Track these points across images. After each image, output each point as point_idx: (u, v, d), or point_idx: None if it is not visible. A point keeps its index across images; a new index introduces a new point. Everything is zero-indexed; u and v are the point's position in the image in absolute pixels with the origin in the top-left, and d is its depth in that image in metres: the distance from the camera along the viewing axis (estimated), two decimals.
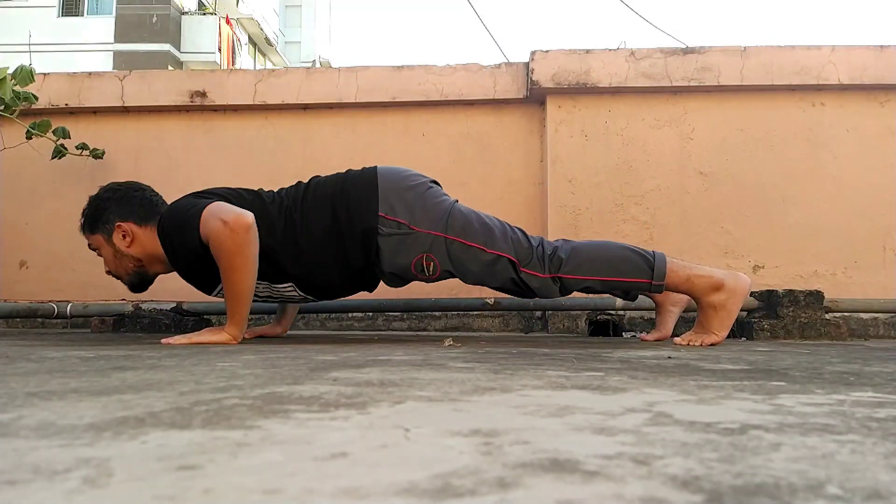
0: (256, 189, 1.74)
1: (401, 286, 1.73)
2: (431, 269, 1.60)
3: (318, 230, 1.62)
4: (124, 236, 1.71)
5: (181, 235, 1.58)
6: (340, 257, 1.63)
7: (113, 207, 1.72)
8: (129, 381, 0.77)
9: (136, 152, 2.62)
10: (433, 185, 1.69)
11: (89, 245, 1.77)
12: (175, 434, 0.47)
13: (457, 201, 1.67)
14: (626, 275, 1.58)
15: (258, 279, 1.65)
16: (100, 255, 1.76)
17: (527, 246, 1.60)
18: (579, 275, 1.58)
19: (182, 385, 0.73)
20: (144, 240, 1.71)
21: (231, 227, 1.49)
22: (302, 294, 1.73)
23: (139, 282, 1.77)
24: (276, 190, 1.74)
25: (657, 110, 2.42)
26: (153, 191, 1.80)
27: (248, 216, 1.51)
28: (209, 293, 1.73)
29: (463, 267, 1.60)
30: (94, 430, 0.48)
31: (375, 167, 1.68)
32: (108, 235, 1.72)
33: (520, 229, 1.64)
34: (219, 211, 1.53)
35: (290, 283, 1.69)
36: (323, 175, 1.73)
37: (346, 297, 1.82)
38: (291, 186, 1.72)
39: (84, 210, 1.76)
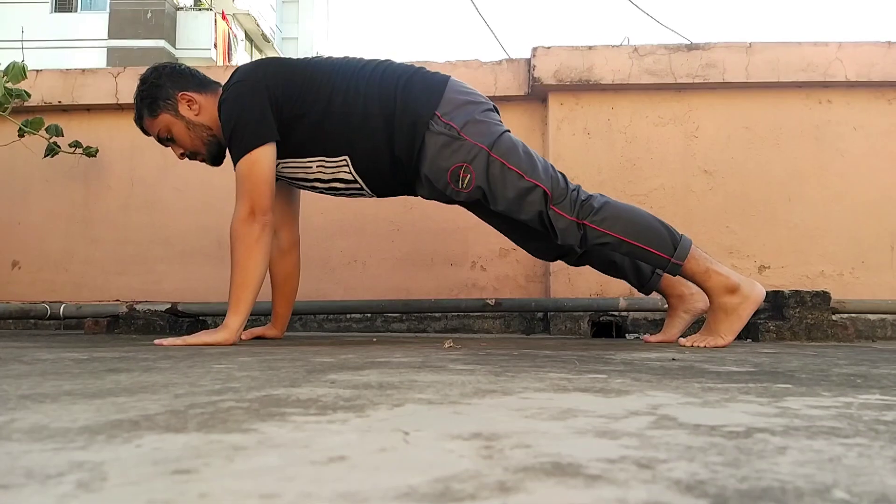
0: (319, 57, 1.76)
1: (430, 197, 1.75)
2: (466, 181, 1.62)
3: (376, 106, 1.65)
4: (190, 105, 1.72)
5: (229, 141, 1.65)
6: (390, 141, 1.65)
7: (168, 82, 1.73)
8: (123, 384, 0.77)
9: (131, 150, 2.61)
10: (495, 110, 1.73)
11: (157, 135, 1.75)
12: (170, 437, 0.47)
13: (509, 131, 1.69)
14: (649, 244, 1.59)
15: (314, 155, 1.70)
16: (168, 142, 1.76)
17: (563, 186, 1.62)
18: (604, 228, 1.59)
19: (177, 387, 0.73)
20: (208, 107, 1.73)
21: (256, 218, 1.60)
22: (353, 174, 1.72)
23: (217, 151, 1.79)
24: (342, 57, 1.76)
25: (661, 108, 2.42)
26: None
27: (271, 216, 1.62)
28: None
29: (496, 189, 1.61)
30: (87, 433, 0.48)
31: (448, 75, 1.72)
32: (174, 111, 1.72)
33: (561, 173, 1.67)
34: (257, 192, 1.60)
35: (344, 157, 1.69)
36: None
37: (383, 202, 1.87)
38: (362, 59, 1.75)
39: (137, 98, 1.75)
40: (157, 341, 1.53)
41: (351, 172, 1.72)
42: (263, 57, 1.75)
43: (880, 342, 2.09)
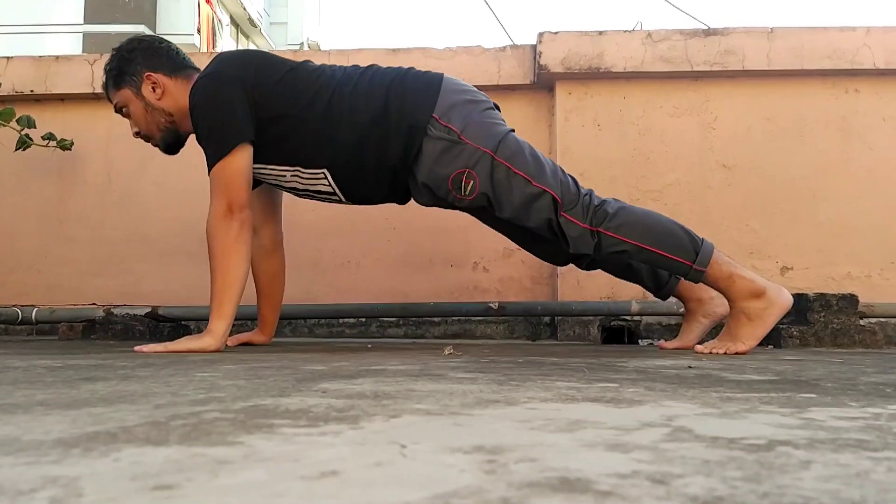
0: (304, 60, 1.76)
1: (429, 204, 1.75)
2: (469, 188, 1.62)
3: (364, 113, 1.64)
4: (154, 88, 1.73)
5: (202, 139, 1.65)
6: (380, 149, 1.65)
7: (140, 58, 1.74)
8: (99, 393, 0.77)
9: (108, 143, 2.62)
10: (495, 108, 1.72)
11: (116, 106, 1.78)
12: (150, 450, 0.47)
13: (513, 130, 1.68)
14: (669, 250, 1.59)
15: (289, 164, 1.70)
16: (126, 115, 1.78)
17: (574, 191, 1.62)
18: (620, 235, 1.59)
19: (158, 397, 0.74)
20: (175, 92, 1.74)
21: (234, 215, 1.59)
22: (332, 186, 1.72)
23: (173, 140, 1.80)
24: (327, 65, 1.76)
25: (676, 97, 2.42)
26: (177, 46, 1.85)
27: (249, 213, 1.61)
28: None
29: (502, 195, 1.61)
30: (62, 446, 0.48)
31: (442, 73, 1.72)
32: (136, 89, 1.73)
33: (571, 176, 1.67)
34: (233, 188, 1.59)
35: (322, 171, 1.70)
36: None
37: (380, 199, 1.82)
38: (348, 66, 1.75)
39: (106, 66, 1.77)
40: (136, 348, 1.53)
41: (330, 185, 1.72)
42: (247, 48, 1.76)
43: None
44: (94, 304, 2.52)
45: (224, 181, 1.61)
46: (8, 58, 2.60)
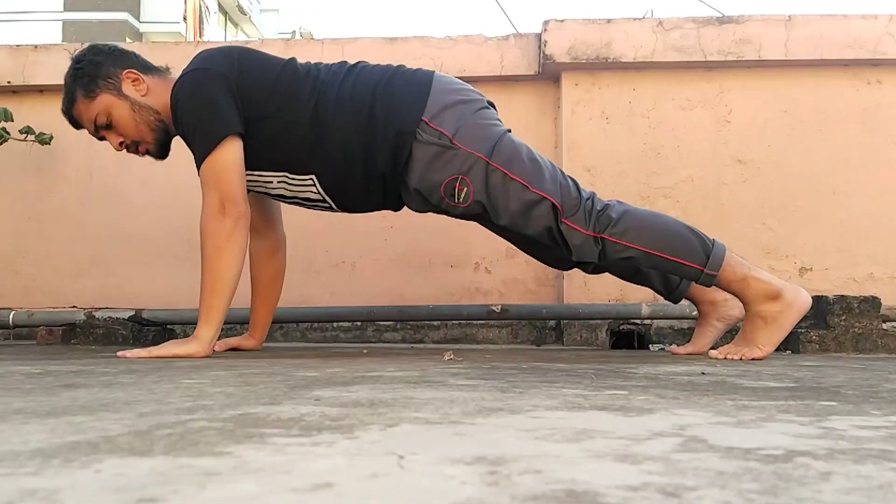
0: (289, 58, 1.73)
1: (422, 211, 1.75)
2: (463, 195, 1.61)
3: (350, 117, 1.63)
4: (136, 85, 1.69)
5: (188, 138, 1.64)
6: (367, 156, 1.64)
7: (108, 61, 1.70)
8: (80, 401, 0.77)
9: (89, 138, 2.60)
10: (490, 106, 1.71)
11: (94, 122, 1.70)
12: (134, 462, 0.47)
13: (510, 131, 1.68)
14: (678, 254, 1.59)
15: (276, 170, 1.69)
16: (105, 130, 1.71)
17: (575, 195, 1.61)
18: (625, 241, 1.58)
19: (142, 405, 0.74)
20: (156, 89, 1.70)
21: (227, 211, 1.57)
22: (321, 194, 1.72)
23: (165, 139, 1.74)
24: (314, 62, 1.73)
25: (689, 89, 2.42)
26: None
27: (245, 207, 1.60)
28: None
29: (498, 202, 1.61)
30: (40, 456, 0.48)
31: (433, 70, 1.71)
32: (117, 90, 1.68)
33: (572, 178, 1.66)
34: (224, 181, 1.58)
35: (310, 177, 1.70)
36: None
37: (368, 210, 1.83)
38: (334, 63, 1.73)
39: (68, 81, 1.71)
40: (119, 353, 1.53)
41: (319, 192, 1.72)
42: (232, 44, 1.71)
43: None
44: (74, 306, 2.52)
45: (214, 176, 1.59)
46: None
